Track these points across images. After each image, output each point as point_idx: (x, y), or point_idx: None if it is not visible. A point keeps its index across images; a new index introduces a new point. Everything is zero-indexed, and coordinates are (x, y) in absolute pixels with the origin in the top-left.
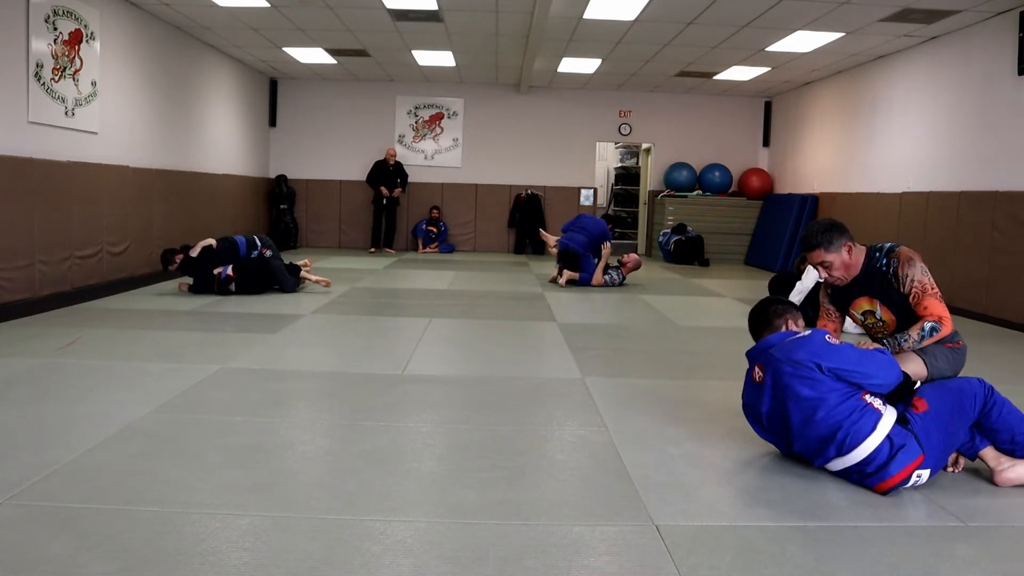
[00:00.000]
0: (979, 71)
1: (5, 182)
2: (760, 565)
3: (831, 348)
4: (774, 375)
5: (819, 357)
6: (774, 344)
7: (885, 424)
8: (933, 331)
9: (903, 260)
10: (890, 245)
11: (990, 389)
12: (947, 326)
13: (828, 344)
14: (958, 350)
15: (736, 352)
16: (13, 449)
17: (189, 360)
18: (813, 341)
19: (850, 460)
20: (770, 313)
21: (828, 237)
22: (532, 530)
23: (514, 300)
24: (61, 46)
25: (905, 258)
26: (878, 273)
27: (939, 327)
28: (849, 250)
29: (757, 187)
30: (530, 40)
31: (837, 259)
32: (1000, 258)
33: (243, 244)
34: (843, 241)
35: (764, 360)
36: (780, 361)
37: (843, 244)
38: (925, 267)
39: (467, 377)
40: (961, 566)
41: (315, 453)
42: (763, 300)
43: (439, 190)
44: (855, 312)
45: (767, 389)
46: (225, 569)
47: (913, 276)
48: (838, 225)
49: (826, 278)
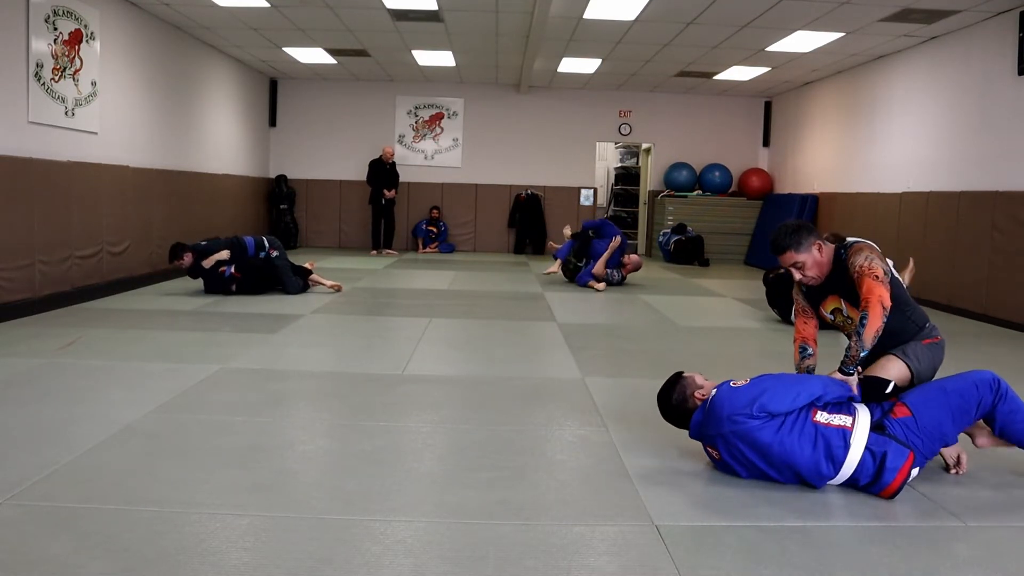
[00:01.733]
0: (979, 71)
1: (5, 182)
2: (760, 565)
3: (737, 391)
4: (726, 446)
5: (736, 407)
6: (701, 422)
7: (859, 437)
8: (862, 324)
9: (853, 251)
10: (852, 240)
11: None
12: (874, 311)
13: (733, 390)
14: (936, 344)
15: (736, 352)
16: (13, 449)
17: (189, 360)
18: (723, 398)
19: (842, 477)
20: (675, 400)
21: (797, 238)
22: (532, 530)
23: (514, 300)
24: (61, 46)
25: (855, 249)
26: (841, 268)
27: (867, 318)
28: (819, 248)
29: (757, 187)
30: (530, 40)
31: (809, 259)
32: (1000, 258)
33: (251, 245)
34: (812, 240)
35: (707, 441)
36: (719, 434)
37: (812, 243)
38: (874, 256)
39: (467, 377)
40: (961, 566)
41: (315, 453)
42: (662, 389)
43: (439, 190)
44: (824, 311)
45: (732, 461)
46: (225, 569)
47: (856, 262)
48: (806, 225)
49: (800, 279)
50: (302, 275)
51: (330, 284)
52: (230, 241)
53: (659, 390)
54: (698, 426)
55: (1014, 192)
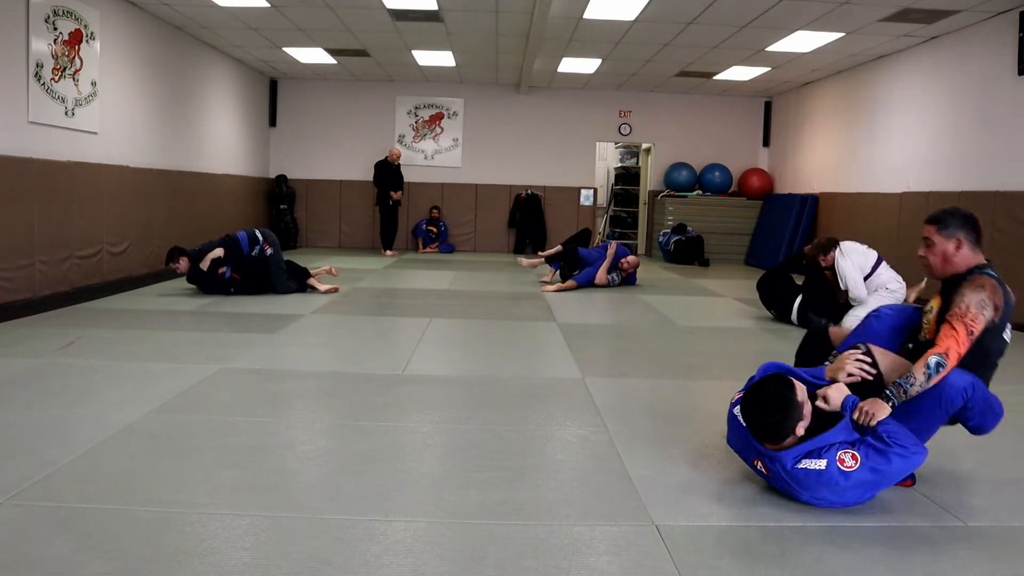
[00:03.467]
0: (979, 71)
1: (5, 182)
2: (760, 565)
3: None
4: (782, 483)
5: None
6: (780, 463)
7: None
8: (939, 368)
9: (974, 283)
10: (992, 273)
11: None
12: (952, 360)
13: (840, 476)
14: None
15: (736, 352)
16: (13, 449)
17: (189, 360)
18: (822, 482)
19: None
20: (773, 421)
21: (949, 221)
22: (532, 530)
23: (514, 300)
24: (61, 46)
25: (977, 284)
26: (957, 283)
27: (944, 363)
28: (958, 246)
29: (757, 187)
30: (530, 40)
31: (941, 245)
32: (1000, 258)
33: (244, 240)
34: (958, 235)
35: (768, 464)
36: (795, 489)
37: (955, 237)
38: (988, 303)
39: (467, 377)
40: (961, 566)
41: (315, 453)
42: (765, 392)
43: (439, 190)
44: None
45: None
46: (225, 569)
47: (966, 298)
48: (968, 218)
49: (921, 254)
50: (301, 276)
51: (324, 289)
52: (223, 240)
53: (760, 390)
54: (771, 458)
55: (1014, 192)
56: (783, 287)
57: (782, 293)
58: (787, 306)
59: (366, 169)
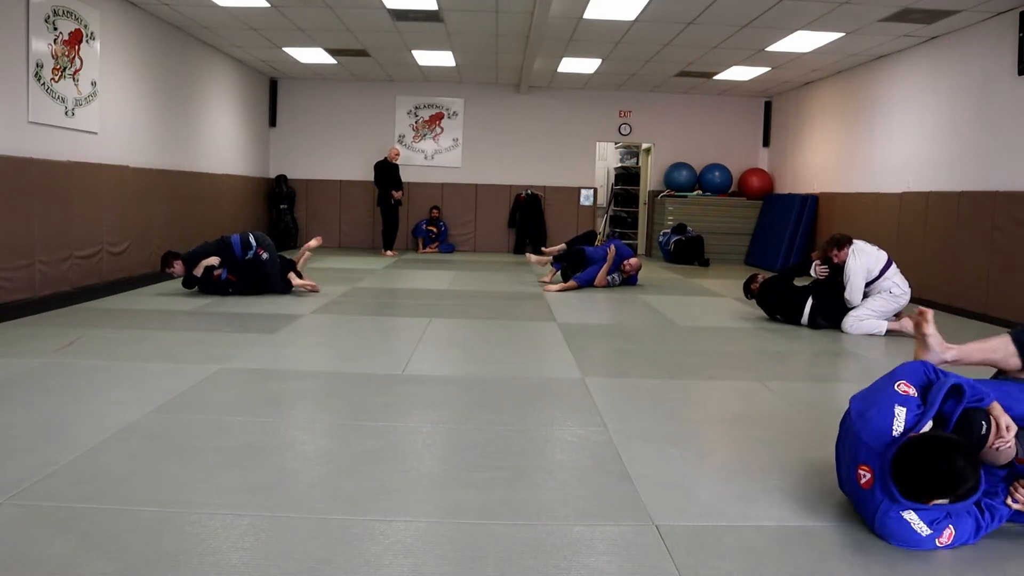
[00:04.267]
0: (979, 71)
1: (5, 182)
2: (760, 565)
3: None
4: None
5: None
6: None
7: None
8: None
9: None
10: None
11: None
12: None
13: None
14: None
15: (736, 352)
16: (13, 449)
17: (189, 360)
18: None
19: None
20: (962, 480)
21: None
22: (532, 530)
23: (514, 300)
24: (61, 46)
25: None
26: None
27: None
28: None
29: (757, 187)
30: (530, 40)
31: None
32: (1000, 258)
33: (237, 244)
34: None
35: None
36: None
37: None
38: None
39: (467, 377)
40: (961, 566)
41: (315, 453)
42: (939, 448)
43: (439, 190)
44: None
45: (869, 506)
46: (225, 569)
47: None
48: None
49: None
50: (291, 269)
51: (307, 286)
52: (217, 244)
53: (945, 455)
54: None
55: (1014, 192)
56: (789, 291)
57: (788, 297)
58: (795, 310)
59: (366, 169)
